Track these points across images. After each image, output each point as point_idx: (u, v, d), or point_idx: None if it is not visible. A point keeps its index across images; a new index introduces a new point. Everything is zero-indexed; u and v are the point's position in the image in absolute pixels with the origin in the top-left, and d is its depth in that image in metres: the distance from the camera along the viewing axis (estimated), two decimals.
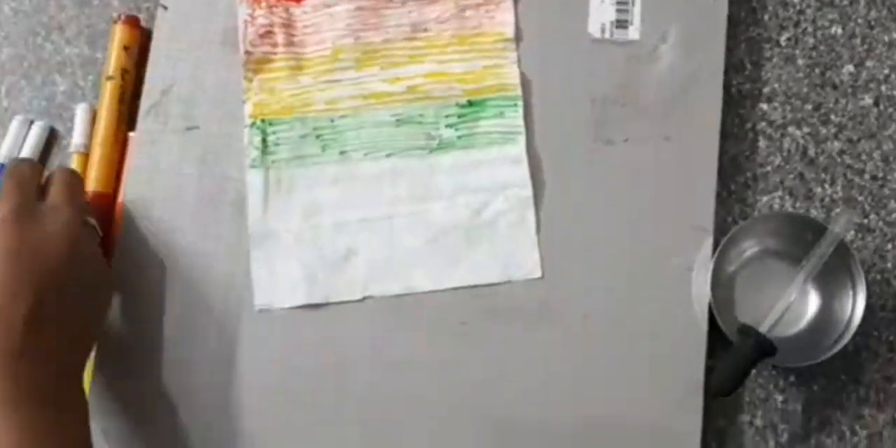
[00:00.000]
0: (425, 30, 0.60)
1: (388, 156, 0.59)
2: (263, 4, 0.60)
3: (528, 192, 0.58)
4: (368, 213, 0.58)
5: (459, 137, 0.59)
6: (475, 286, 0.57)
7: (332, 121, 0.59)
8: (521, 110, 0.59)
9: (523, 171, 0.58)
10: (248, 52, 0.60)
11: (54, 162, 0.61)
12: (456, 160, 0.59)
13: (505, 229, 0.58)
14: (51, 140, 0.61)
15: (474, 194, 0.58)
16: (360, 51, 0.60)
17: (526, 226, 0.58)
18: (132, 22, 0.61)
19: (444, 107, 0.59)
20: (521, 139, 0.59)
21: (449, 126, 0.59)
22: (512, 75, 0.60)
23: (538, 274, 0.57)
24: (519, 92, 0.59)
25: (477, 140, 0.59)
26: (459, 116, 0.59)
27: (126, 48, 0.60)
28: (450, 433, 0.55)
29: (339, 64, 0.60)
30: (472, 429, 0.55)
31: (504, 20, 0.60)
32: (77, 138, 0.60)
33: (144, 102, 0.59)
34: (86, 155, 0.59)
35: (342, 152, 0.59)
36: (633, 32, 0.61)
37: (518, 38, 0.60)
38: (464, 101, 0.59)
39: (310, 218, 0.58)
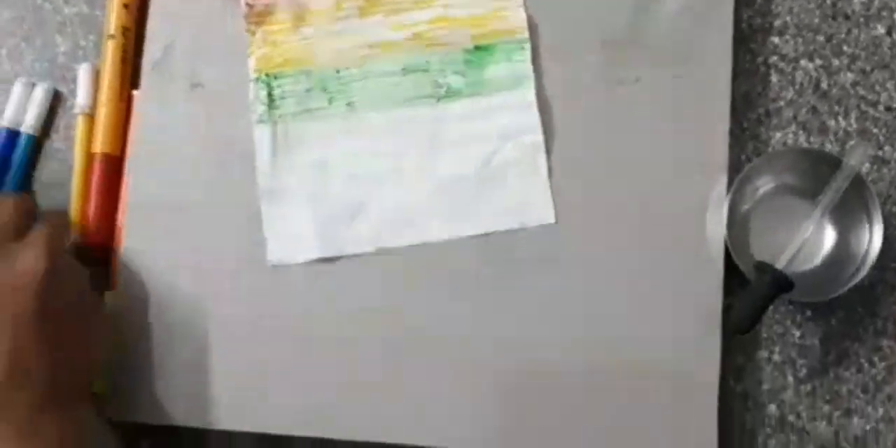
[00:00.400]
0: None
1: (395, 106, 0.58)
2: None
3: (539, 137, 0.58)
4: (378, 165, 0.57)
5: (467, 84, 0.58)
6: (489, 234, 0.57)
7: (338, 72, 0.58)
8: (528, 53, 0.58)
9: (533, 116, 0.58)
10: (248, 5, 0.59)
11: (60, 124, 0.61)
12: (464, 108, 0.58)
13: (516, 176, 0.57)
14: (55, 102, 0.61)
15: (485, 142, 0.58)
16: None
17: (538, 172, 0.57)
18: None
19: (450, 53, 0.58)
20: (531, 83, 0.58)
21: (456, 73, 0.58)
22: (518, 18, 0.59)
23: (551, 219, 0.57)
24: (526, 35, 0.58)
25: (485, 86, 0.58)
26: (466, 62, 0.58)
27: (126, 5, 0.59)
28: (468, 383, 0.55)
29: (342, 13, 0.59)
30: (489, 378, 0.55)
31: None
32: (81, 99, 0.59)
33: (147, 60, 0.58)
34: (91, 116, 0.59)
35: (349, 104, 0.58)
36: None
37: (530, 25, 0.59)
38: (470, 46, 0.59)
39: (319, 172, 0.57)
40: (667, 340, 0.55)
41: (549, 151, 0.58)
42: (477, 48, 0.59)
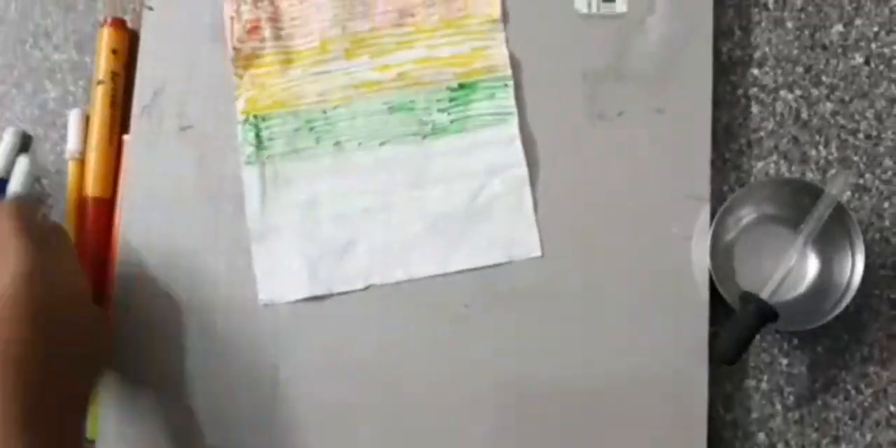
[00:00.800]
0: (412, 15, 0.60)
1: (381, 144, 0.59)
2: (248, 0, 0.60)
3: (524, 171, 0.58)
4: (366, 203, 0.58)
5: (452, 122, 0.59)
6: (476, 269, 0.57)
7: (325, 112, 0.59)
8: (511, 91, 0.59)
9: (517, 151, 0.59)
10: (236, 49, 0.60)
11: (51, 169, 0.61)
12: (450, 145, 0.59)
13: (503, 210, 0.58)
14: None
15: (470, 177, 0.59)
16: (348, 40, 0.60)
17: (523, 206, 0.58)
18: (118, 24, 0.61)
19: (434, 92, 0.59)
20: (514, 119, 0.59)
21: (441, 111, 0.59)
22: (501, 56, 0.60)
23: (538, 253, 0.58)
24: (509, 72, 0.59)
25: (469, 123, 0.59)
26: (451, 100, 0.59)
27: (114, 51, 0.60)
28: (457, 416, 0.56)
29: (328, 55, 0.60)
30: (478, 411, 0.56)
31: (490, 1, 0.60)
32: (72, 145, 0.60)
33: (136, 104, 0.60)
34: (82, 161, 0.60)
35: (336, 143, 0.59)
36: (621, 5, 0.60)
37: (505, 18, 0.60)
38: (454, 84, 0.60)
39: (308, 211, 0.58)
40: (655, 371, 0.56)
41: (534, 186, 0.58)
42: (461, 86, 0.60)
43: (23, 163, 0.60)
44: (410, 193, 0.58)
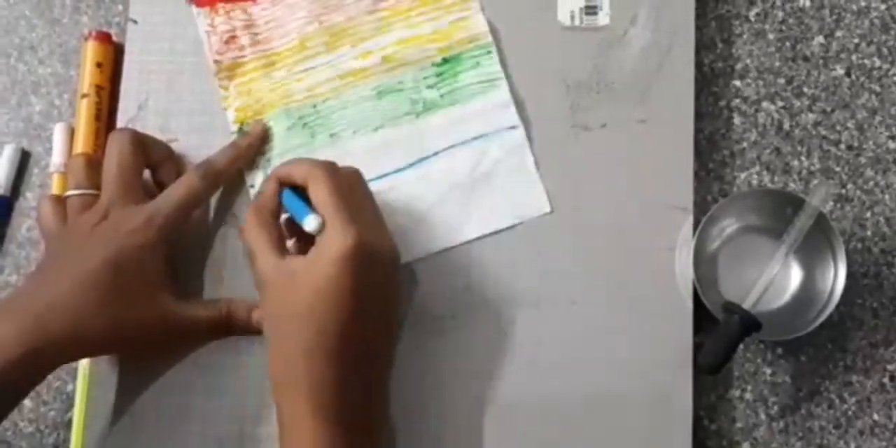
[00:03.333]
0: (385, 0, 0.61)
1: (376, 129, 0.59)
2: (220, 11, 0.60)
3: (521, 132, 0.59)
4: (371, 187, 0.58)
5: (442, 96, 0.60)
6: (485, 236, 0.58)
7: (315, 107, 0.60)
8: (496, 56, 0.60)
9: (512, 113, 0.59)
10: (217, 61, 0.60)
11: (35, 183, 0.61)
12: (444, 118, 0.60)
13: (506, 174, 0.59)
14: (30, 161, 0.62)
15: (469, 147, 0.59)
16: (326, 34, 0.60)
17: (526, 165, 0.59)
18: (103, 38, 0.61)
19: (420, 70, 0.60)
20: (503, 83, 0.60)
21: (429, 87, 0.60)
22: (480, 24, 0.60)
23: (547, 209, 0.58)
24: (490, 39, 0.60)
25: (460, 95, 0.60)
26: (438, 75, 0.60)
27: (99, 65, 0.60)
28: (436, 427, 0.56)
29: (309, 51, 0.60)
30: (456, 423, 0.56)
31: None
32: (56, 158, 0.60)
33: (121, 117, 0.60)
34: (66, 174, 0.59)
35: (332, 135, 0.59)
36: (603, 18, 0.61)
37: (492, 29, 0.60)
38: (438, 59, 0.60)
39: None
40: (639, 381, 0.56)
41: None
42: (445, 60, 0.60)
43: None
44: (413, 172, 0.59)
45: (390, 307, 0.53)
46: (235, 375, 0.56)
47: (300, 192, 0.52)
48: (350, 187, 0.52)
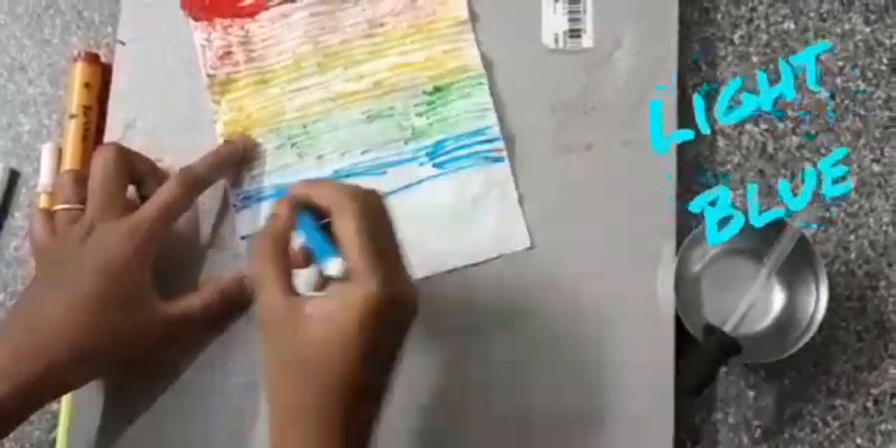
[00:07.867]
0: (381, 24, 0.61)
1: (364, 153, 0.60)
2: (218, 26, 0.61)
3: (506, 165, 0.59)
4: None
5: (431, 124, 0.60)
6: (468, 266, 0.58)
7: (305, 127, 0.60)
8: (486, 88, 0.60)
9: (498, 146, 0.59)
10: (210, 76, 0.60)
11: (23, 203, 0.62)
12: (432, 147, 0.60)
13: (489, 205, 0.59)
14: (18, 181, 0.62)
15: (455, 177, 0.59)
16: (321, 55, 0.61)
17: (508, 199, 0.59)
18: (91, 59, 0.61)
19: (411, 97, 0.60)
20: (492, 115, 0.60)
21: (419, 115, 0.60)
22: (472, 55, 0.61)
23: (527, 244, 0.58)
24: (482, 71, 0.60)
25: (449, 124, 0.60)
26: (428, 104, 0.60)
27: (87, 85, 0.61)
28: (435, 434, 0.56)
29: (302, 71, 0.61)
30: (457, 425, 0.56)
31: (457, 3, 0.61)
32: (44, 178, 0.61)
33: (108, 138, 0.60)
34: (53, 194, 0.60)
35: (319, 157, 0.60)
36: (587, 41, 0.61)
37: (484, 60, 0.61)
38: (429, 88, 0.60)
39: None
40: (620, 403, 0.56)
41: None
42: (436, 89, 0.60)
43: None
44: (398, 199, 0.59)
45: (396, 363, 0.48)
46: (221, 395, 0.57)
47: (316, 214, 0.48)
48: (376, 222, 0.47)
